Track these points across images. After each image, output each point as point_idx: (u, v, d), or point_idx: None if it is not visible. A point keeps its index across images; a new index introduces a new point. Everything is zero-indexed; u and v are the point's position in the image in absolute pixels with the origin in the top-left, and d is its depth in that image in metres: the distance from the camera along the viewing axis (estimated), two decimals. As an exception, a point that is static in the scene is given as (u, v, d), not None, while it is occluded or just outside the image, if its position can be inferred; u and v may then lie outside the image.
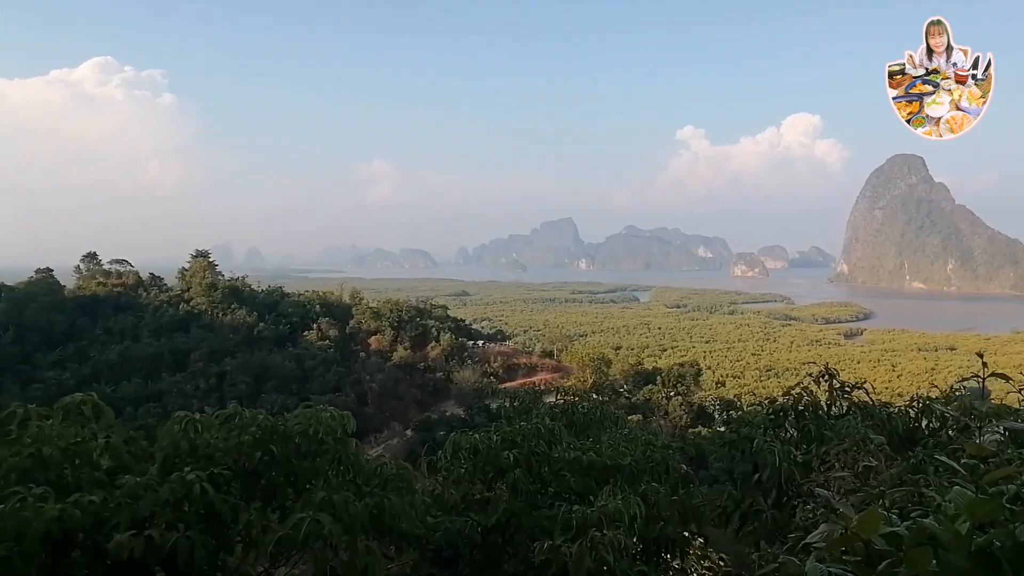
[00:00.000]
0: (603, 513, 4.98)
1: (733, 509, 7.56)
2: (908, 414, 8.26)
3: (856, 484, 4.87)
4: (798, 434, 8.38)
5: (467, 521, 5.36)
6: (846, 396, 8.49)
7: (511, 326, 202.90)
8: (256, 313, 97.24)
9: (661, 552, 6.36)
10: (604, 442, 7.90)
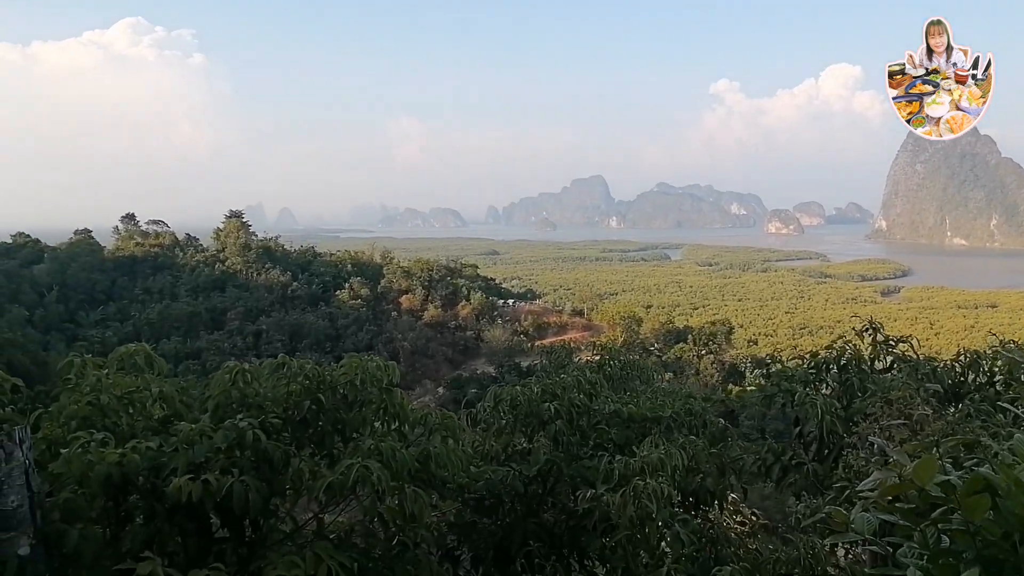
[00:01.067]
0: (646, 463, 5.01)
1: (773, 462, 7.57)
2: (954, 368, 8.13)
3: (908, 435, 4.82)
4: (840, 388, 8.31)
5: (509, 471, 5.43)
6: (891, 350, 8.38)
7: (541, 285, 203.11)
8: (289, 273, 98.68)
9: (700, 503, 6.40)
10: (643, 395, 7.92)
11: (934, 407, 5.98)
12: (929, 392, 6.01)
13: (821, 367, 8.61)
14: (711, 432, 7.74)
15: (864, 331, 8.49)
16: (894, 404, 5.91)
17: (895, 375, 7.71)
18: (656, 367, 53.15)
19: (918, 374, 7.63)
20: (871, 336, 8.42)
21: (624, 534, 4.63)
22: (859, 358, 8.40)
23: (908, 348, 8.41)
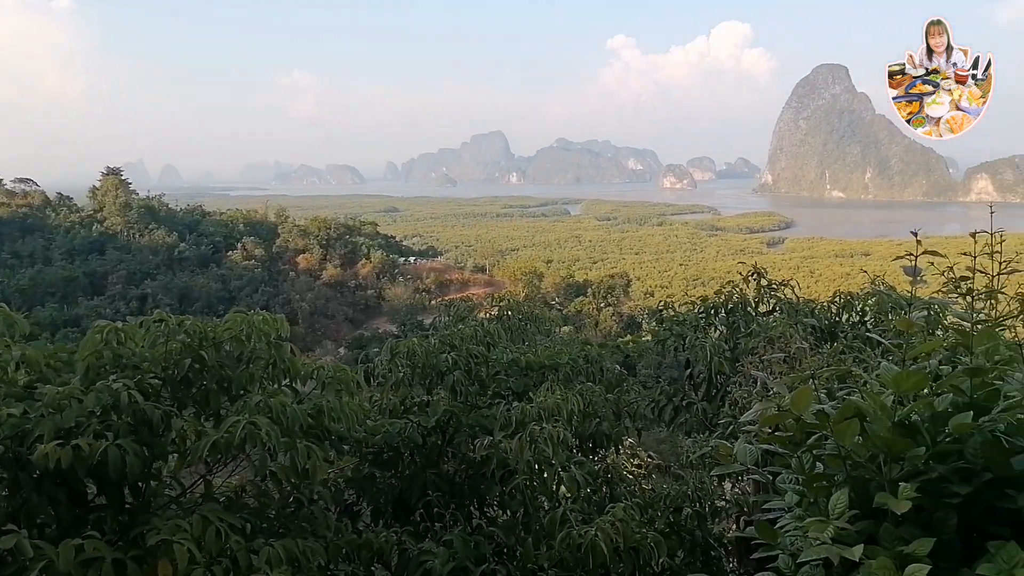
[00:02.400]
0: (542, 408, 5.07)
1: (666, 404, 7.88)
2: (830, 309, 8.64)
3: (786, 369, 5.10)
4: (727, 330, 8.69)
5: (407, 423, 5.39)
6: (773, 294, 8.81)
7: (442, 242, 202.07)
8: (176, 233, 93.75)
9: (597, 447, 6.58)
10: (540, 345, 8.04)
11: (811, 344, 6.35)
12: (807, 329, 6.38)
13: (710, 312, 8.98)
14: (608, 378, 7.95)
15: (750, 277, 8.90)
16: (776, 342, 6.23)
17: (777, 317, 8.14)
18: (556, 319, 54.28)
19: (798, 315, 8.08)
20: (756, 281, 8.83)
21: (522, 479, 4.70)
22: (745, 302, 8.81)
23: (789, 291, 8.88)
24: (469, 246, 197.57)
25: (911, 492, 2.89)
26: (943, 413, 3.12)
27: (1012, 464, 2.92)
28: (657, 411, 8.03)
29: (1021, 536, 2.62)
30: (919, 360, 3.40)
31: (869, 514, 3.12)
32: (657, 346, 8.63)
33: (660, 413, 8.01)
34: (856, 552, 2.71)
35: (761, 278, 8.80)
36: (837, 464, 3.30)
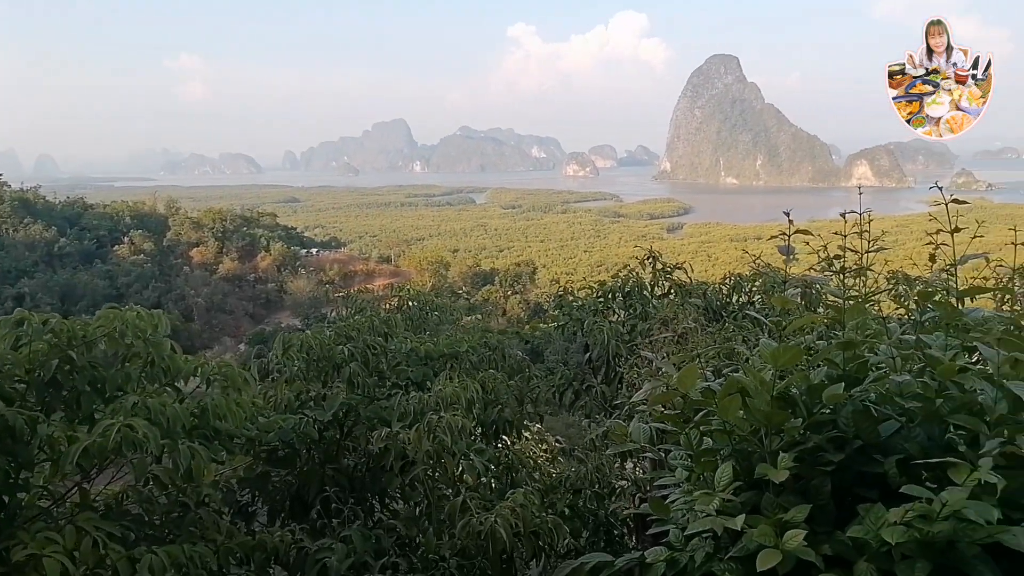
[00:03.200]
0: (440, 398, 5.03)
1: (566, 388, 8.01)
2: (721, 291, 8.98)
3: (675, 349, 5.25)
4: (625, 314, 8.91)
5: (302, 418, 5.23)
6: (668, 277, 9.09)
7: (346, 232, 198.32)
8: (55, 228, 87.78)
9: (499, 433, 6.61)
10: (441, 333, 7.99)
11: (702, 324, 6.58)
12: (698, 309, 6.62)
13: (608, 296, 9.19)
14: (510, 365, 7.99)
15: (645, 261, 9.15)
16: (668, 323, 6.42)
17: (672, 299, 8.40)
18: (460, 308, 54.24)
19: (690, 297, 8.38)
20: (651, 265, 9.09)
21: (422, 469, 4.65)
22: (641, 285, 9.06)
23: (682, 274, 9.18)
24: (374, 236, 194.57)
25: (788, 462, 3.03)
26: (818, 385, 3.28)
27: (879, 431, 3.11)
28: (558, 395, 8.15)
29: (888, 498, 2.79)
30: (795, 336, 3.57)
31: (753, 485, 3.25)
32: (557, 331, 8.77)
33: (561, 397, 8.15)
34: (738, 522, 2.82)
35: (656, 262, 9.07)
36: (723, 439, 3.42)
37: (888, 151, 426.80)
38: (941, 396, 3.00)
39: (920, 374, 3.24)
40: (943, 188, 3.39)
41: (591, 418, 7.44)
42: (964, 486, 2.54)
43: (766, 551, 2.72)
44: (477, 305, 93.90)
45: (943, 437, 2.97)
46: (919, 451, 2.96)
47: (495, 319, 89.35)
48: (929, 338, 3.41)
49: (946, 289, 3.34)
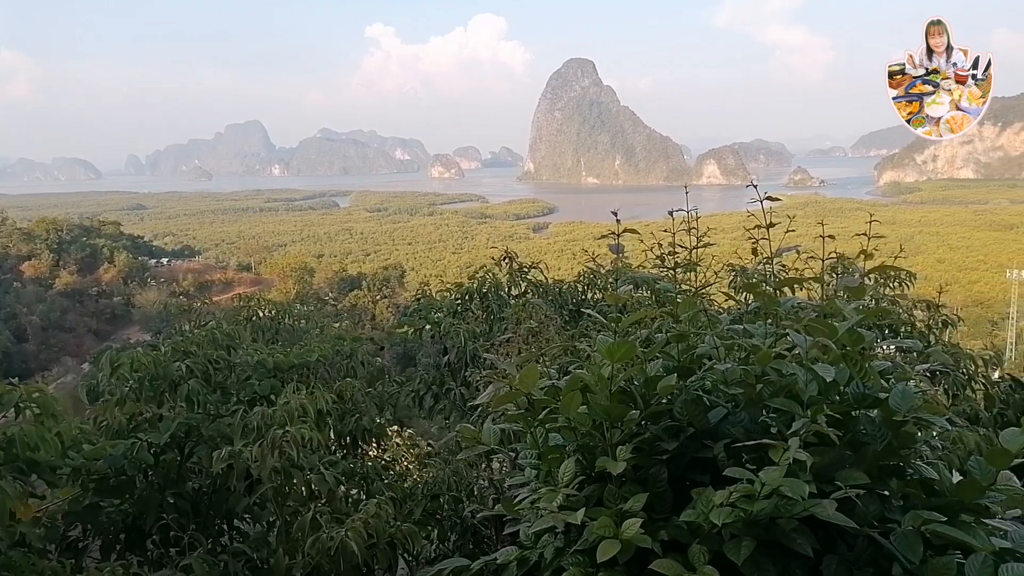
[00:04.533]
0: (286, 411, 4.82)
1: (425, 392, 7.95)
2: (577, 289, 9.22)
3: (526, 348, 5.32)
4: (483, 314, 8.97)
5: (135, 443, 4.84)
6: (524, 277, 9.23)
7: (200, 240, 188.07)
8: None
9: (357, 443, 6.44)
10: (296, 343, 7.70)
11: (556, 322, 6.71)
12: (552, 308, 6.75)
13: (465, 297, 9.22)
14: (369, 372, 7.83)
15: (502, 260, 9.26)
16: (521, 323, 6.51)
17: (529, 298, 8.53)
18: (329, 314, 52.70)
19: (547, 295, 8.56)
20: (508, 265, 9.21)
21: (269, 487, 4.44)
22: (498, 285, 9.15)
23: (539, 273, 9.36)
24: (231, 243, 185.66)
25: (626, 453, 3.13)
26: (655, 377, 3.40)
27: (708, 418, 3.27)
28: (417, 400, 8.09)
29: (720, 481, 2.93)
30: (633, 330, 3.69)
31: (598, 478, 3.33)
32: (413, 334, 8.72)
33: (420, 402, 8.09)
34: (578, 516, 2.87)
35: (512, 262, 9.20)
36: (569, 435, 3.49)
37: (733, 151, 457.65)
38: (761, 381, 3.19)
39: (745, 362, 3.43)
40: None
41: (450, 421, 7.42)
42: (780, 465, 2.71)
43: (606, 542, 2.78)
44: (346, 310, 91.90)
45: (765, 420, 3.16)
46: (744, 434, 3.13)
47: (364, 324, 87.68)
48: (753, 327, 3.63)
49: (765, 280, 3.57)
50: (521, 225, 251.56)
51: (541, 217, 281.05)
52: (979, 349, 15.92)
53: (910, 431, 3.02)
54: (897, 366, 3.51)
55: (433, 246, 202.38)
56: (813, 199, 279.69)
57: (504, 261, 9.14)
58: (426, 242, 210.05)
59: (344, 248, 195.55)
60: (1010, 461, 2.95)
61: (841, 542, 2.92)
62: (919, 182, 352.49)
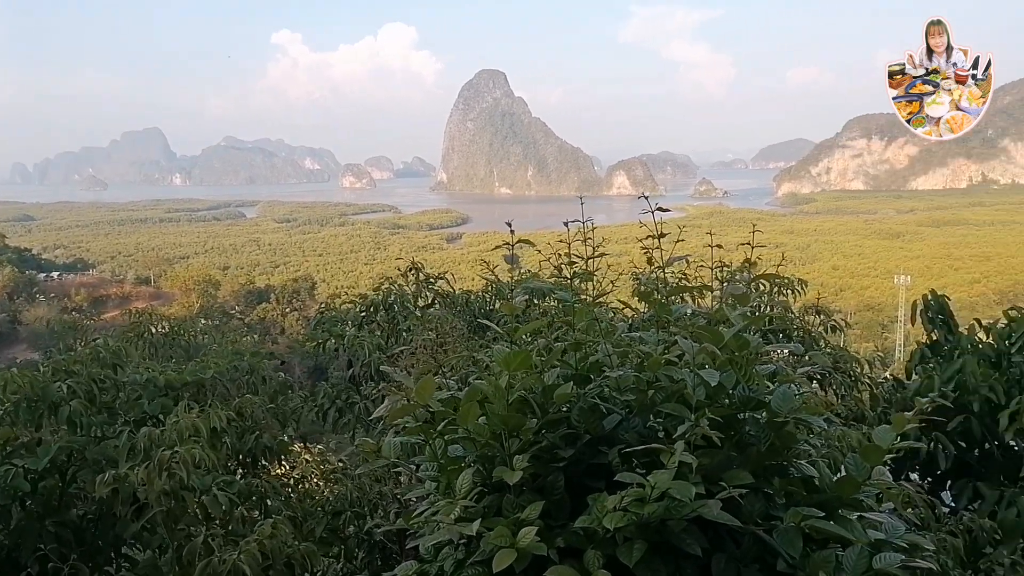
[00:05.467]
0: (176, 431, 4.60)
1: (329, 406, 7.78)
2: (485, 298, 9.25)
3: (431, 360, 5.29)
4: (389, 326, 8.86)
5: (9, 469, 4.52)
6: (431, 288, 9.18)
7: (95, 253, 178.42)
8: None
9: (258, 461, 6.23)
10: (192, 359, 7.36)
11: (462, 332, 6.70)
12: (452, 319, 6.75)
13: (370, 309, 9.09)
14: (271, 387, 7.60)
15: (408, 271, 9.18)
16: (427, 335, 6.47)
17: (436, 309, 8.50)
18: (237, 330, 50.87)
19: (454, 306, 8.55)
20: (415, 276, 9.15)
21: (159, 511, 4.22)
22: (404, 297, 9.07)
23: (445, 284, 9.33)
24: (129, 256, 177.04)
25: (523, 463, 3.14)
26: (552, 386, 3.44)
27: (604, 425, 3.34)
28: (322, 415, 7.90)
29: (615, 486, 2.99)
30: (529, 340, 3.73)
31: (498, 487, 3.33)
32: (316, 347, 8.53)
33: (324, 416, 7.90)
34: (473, 527, 2.87)
35: (419, 273, 9.13)
36: (469, 446, 3.48)
37: (642, 163, 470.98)
38: (653, 387, 3.28)
39: (639, 369, 3.52)
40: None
41: (354, 435, 7.29)
42: (668, 468, 2.78)
43: (501, 551, 2.79)
44: (253, 324, 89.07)
45: (653, 426, 3.25)
46: (637, 440, 3.20)
47: (274, 338, 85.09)
48: (646, 335, 3.73)
49: (658, 289, 3.68)
50: (435, 235, 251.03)
51: (455, 227, 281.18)
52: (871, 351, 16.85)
53: (791, 431, 3.16)
54: (782, 369, 3.66)
55: (345, 257, 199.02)
56: (717, 209, 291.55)
57: (410, 272, 9.07)
58: (337, 253, 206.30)
59: (251, 260, 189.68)
60: (882, 457, 3.14)
61: (729, 540, 3.02)
62: (814, 193, 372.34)
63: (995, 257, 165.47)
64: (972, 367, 7.77)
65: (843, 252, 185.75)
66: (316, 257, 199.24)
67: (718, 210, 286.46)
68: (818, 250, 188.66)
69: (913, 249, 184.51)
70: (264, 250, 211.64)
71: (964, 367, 7.84)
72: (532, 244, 3.45)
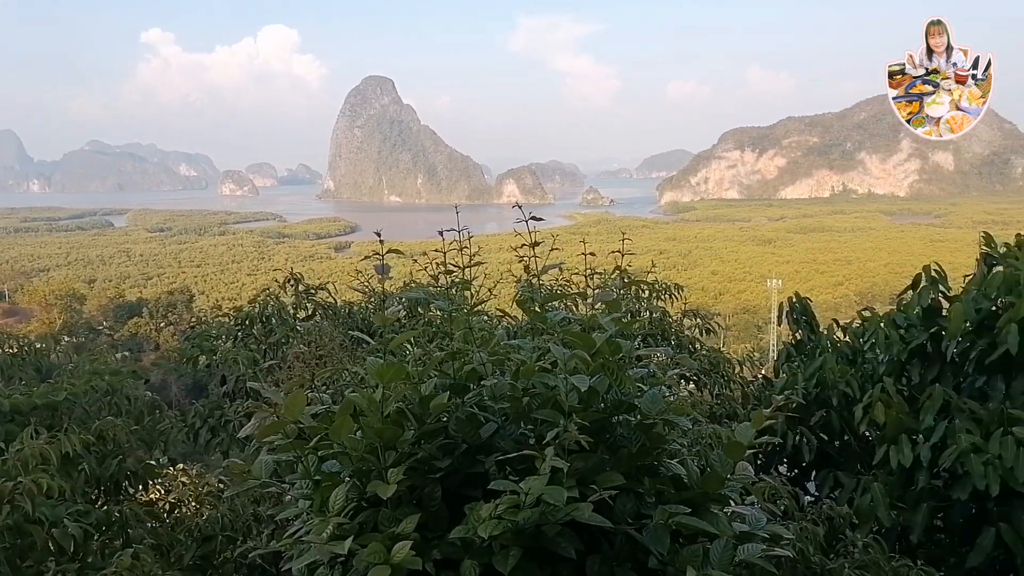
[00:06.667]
0: (20, 459, 4.22)
1: (201, 425, 7.39)
2: (369, 309, 9.07)
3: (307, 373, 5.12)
4: (266, 339, 8.53)
5: None
6: (311, 299, 8.92)
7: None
8: None
9: (121, 487, 5.82)
10: (45, 381, 6.78)
11: (343, 344, 6.53)
12: (331, 330, 6.57)
13: (245, 322, 8.72)
14: (138, 408, 7.13)
15: (287, 282, 8.88)
16: (306, 347, 6.27)
17: (316, 322, 8.26)
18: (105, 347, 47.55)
19: (337, 318, 8.33)
20: (294, 287, 8.85)
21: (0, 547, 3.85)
22: (282, 309, 8.77)
23: (327, 294, 9.09)
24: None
25: (398, 476, 3.08)
26: (429, 396, 3.41)
27: (481, 434, 3.33)
28: (193, 435, 7.48)
29: (490, 494, 2.98)
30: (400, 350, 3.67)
31: (376, 502, 3.26)
32: (187, 363, 8.08)
33: (196, 436, 7.49)
34: (345, 545, 2.79)
35: (298, 284, 8.85)
36: (345, 460, 3.39)
37: (531, 171, 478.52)
38: (528, 394, 3.31)
39: (516, 376, 3.54)
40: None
41: (226, 455, 6.95)
42: (541, 474, 2.81)
43: (375, 568, 2.73)
44: (124, 340, 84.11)
45: (524, 433, 3.28)
46: (514, 447, 3.21)
47: (147, 354, 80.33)
48: (523, 342, 3.76)
49: (533, 296, 3.72)
50: (322, 244, 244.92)
51: (343, 236, 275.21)
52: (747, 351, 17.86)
53: (660, 432, 3.27)
54: (653, 372, 3.78)
55: (226, 268, 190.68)
56: (604, 217, 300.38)
57: (289, 283, 8.77)
58: (218, 264, 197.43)
59: (121, 272, 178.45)
60: (743, 452, 3.29)
61: (604, 541, 3.08)
62: (694, 202, 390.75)
63: (855, 261, 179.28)
64: (831, 364, 8.32)
65: (721, 258, 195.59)
66: (194, 268, 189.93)
67: (605, 218, 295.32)
68: (699, 256, 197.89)
69: (783, 254, 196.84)
70: (136, 261, 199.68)
71: (824, 364, 8.38)
72: (401, 253, 3.40)
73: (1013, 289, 6.75)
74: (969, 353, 7.00)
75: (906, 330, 7.61)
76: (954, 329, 6.95)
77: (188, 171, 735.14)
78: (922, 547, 6.92)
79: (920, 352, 7.43)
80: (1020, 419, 6.19)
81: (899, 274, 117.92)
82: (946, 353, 7.14)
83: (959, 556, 6.76)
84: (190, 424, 7.40)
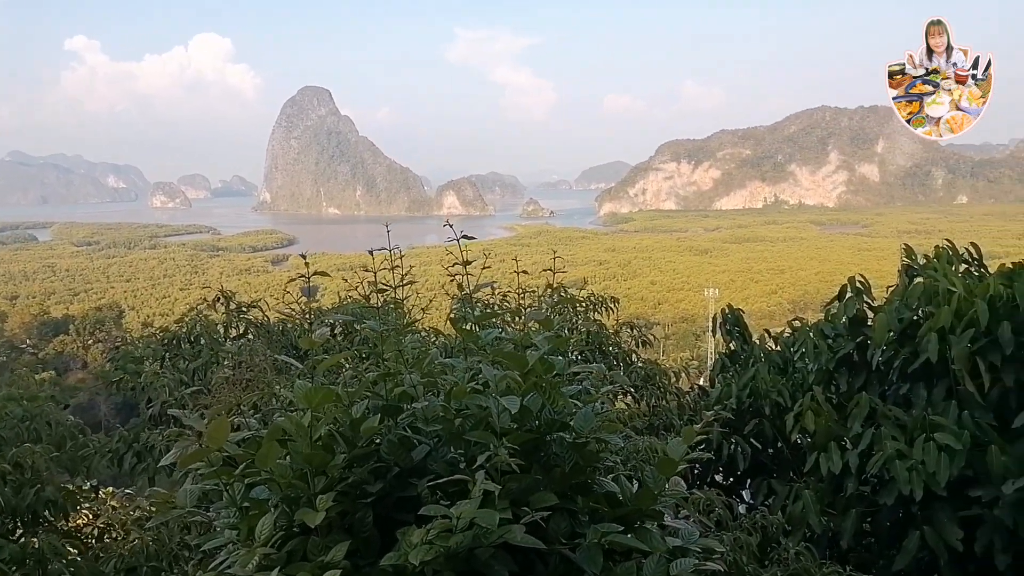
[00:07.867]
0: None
1: (126, 450, 7.10)
2: (304, 328, 8.87)
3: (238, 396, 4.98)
4: (194, 360, 8.25)
5: None
6: (243, 317, 8.68)
7: None
8: None
9: (39, 519, 5.53)
10: None
11: (276, 365, 6.35)
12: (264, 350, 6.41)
13: (172, 342, 8.44)
14: (59, 433, 6.81)
15: (216, 301, 8.63)
16: (238, 368, 6.09)
17: (248, 341, 8.04)
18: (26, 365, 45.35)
19: (271, 336, 8.14)
20: (224, 305, 8.61)
21: None
22: (212, 328, 8.51)
23: (259, 312, 8.87)
24: None
25: (327, 503, 3.01)
26: (360, 419, 3.34)
27: (412, 456, 3.29)
28: (117, 460, 7.18)
29: (423, 519, 2.94)
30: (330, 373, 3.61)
31: (306, 530, 3.17)
32: (109, 385, 7.76)
33: (120, 462, 7.19)
34: (272, 575, 2.71)
35: (229, 301, 8.61)
36: (274, 487, 3.29)
37: (471, 183, 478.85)
38: (460, 416, 3.28)
39: (448, 397, 3.51)
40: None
41: (152, 482, 6.69)
42: (473, 497, 2.78)
43: (304, 599, 2.66)
44: (49, 359, 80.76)
45: (454, 456, 3.25)
46: (447, 470, 3.18)
47: (74, 372, 77.25)
48: (455, 361, 3.73)
49: (466, 316, 3.70)
50: (259, 258, 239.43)
51: (280, 249, 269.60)
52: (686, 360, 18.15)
53: (593, 449, 3.28)
54: (587, 389, 3.79)
55: (157, 282, 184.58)
56: (545, 228, 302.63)
57: (218, 302, 8.51)
58: (149, 278, 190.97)
59: (46, 288, 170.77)
60: (675, 468, 3.33)
61: (539, 562, 3.07)
62: (633, 213, 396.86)
63: (787, 270, 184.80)
64: (763, 374, 8.54)
65: (660, 268, 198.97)
66: (124, 283, 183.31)
67: (545, 229, 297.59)
68: (638, 266, 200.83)
69: (720, 264, 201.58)
70: (61, 276, 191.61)
71: (757, 374, 8.60)
72: (328, 275, 3.34)
73: (932, 299, 7.04)
74: (893, 361, 7.27)
75: (833, 340, 7.87)
76: (878, 338, 7.21)
77: (117, 183, 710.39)
78: (852, 552, 7.14)
79: (847, 361, 7.68)
80: (941, 425, 6.44)
81: (829, 282, 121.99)
82: (872, 362, 7.39)
83: (887, 559, 6.99)
84: (114, 450, 7.09)
